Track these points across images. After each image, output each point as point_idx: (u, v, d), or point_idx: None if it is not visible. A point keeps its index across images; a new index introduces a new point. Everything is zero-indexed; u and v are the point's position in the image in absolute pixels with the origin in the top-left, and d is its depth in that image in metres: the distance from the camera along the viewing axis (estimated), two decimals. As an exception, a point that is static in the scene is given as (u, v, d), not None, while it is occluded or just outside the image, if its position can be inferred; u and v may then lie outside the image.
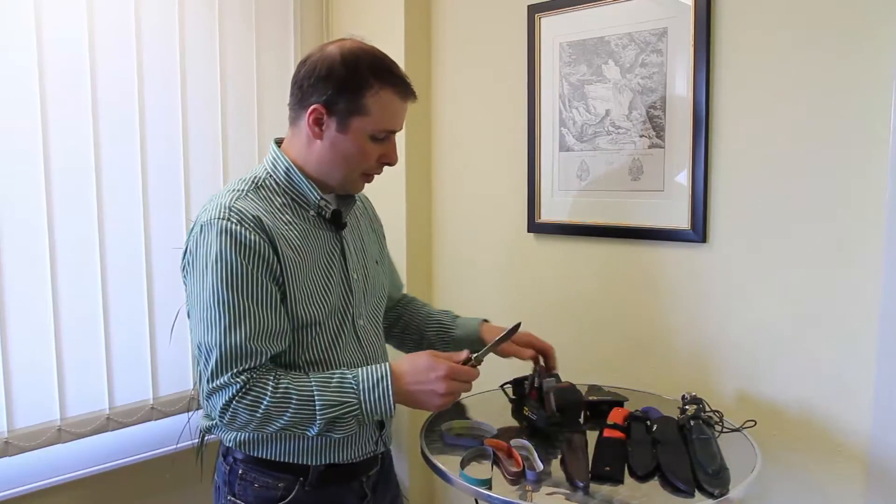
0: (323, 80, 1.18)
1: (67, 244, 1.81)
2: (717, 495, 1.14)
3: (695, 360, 1.72)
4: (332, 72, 1.17)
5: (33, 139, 1.74)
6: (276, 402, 1.13)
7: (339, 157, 1.22)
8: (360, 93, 1.17)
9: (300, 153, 1.25)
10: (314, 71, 1.19)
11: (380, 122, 1.20)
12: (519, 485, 1.20)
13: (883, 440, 1.45)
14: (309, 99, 1.19)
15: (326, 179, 1.26)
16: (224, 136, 2.11)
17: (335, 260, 1.28)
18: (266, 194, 1.23)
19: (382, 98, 1.19)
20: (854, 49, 1.45)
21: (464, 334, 1.51)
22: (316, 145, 1.23)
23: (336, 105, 1.18)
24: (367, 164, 1.24)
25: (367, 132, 1.20)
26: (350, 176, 1.26)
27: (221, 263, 1.12)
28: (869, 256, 1.46)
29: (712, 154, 1.65)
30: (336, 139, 1.21)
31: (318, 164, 1.24)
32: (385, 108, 1.20)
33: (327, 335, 1.26)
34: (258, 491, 1.24)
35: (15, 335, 1.74)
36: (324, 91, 1.18)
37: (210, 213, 1.16)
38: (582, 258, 1.90)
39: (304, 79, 1.20)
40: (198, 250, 1.16)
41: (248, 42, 2.16)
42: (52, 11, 1.75)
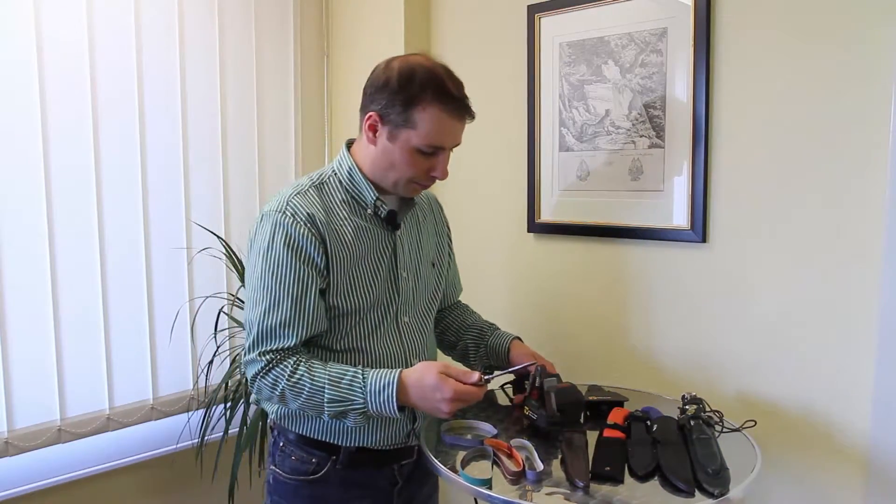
0: (380, 89, 1.26)
1: (67, 244, 1.81)
2: (717, 495, 1.14)
3: (695, 360, 1.72)
4: (388, 83, 1.25)
5: (33, 139, 1.74)
6: (290, 387, 1.24)
7: (388, 163, 1.30)
8: (410, 107, 1.24)
9: (362, 154, 1.34)
10: (376, 80, 1.28)
11: (426, 137, 1.25)
12: (519, 485, 1.20)
13: (883, 440, 1.45)
14: (368, 106, 1.29)
15: (379, 182, 1.34)
16: (224, 136, 2.12)
17: (385, 257, 1.37)
18: (328, 191, 1.34)
19: (431, 114, 1.24)
20: (854, 49, 1.45)
21: (494, 345, 1.55)
22: (371, 149, 1.32)
23: (388, 115, 1.26)
24: (414, 173, 1.31)
25: (413, 145, 1.26)
26: (399, 182, 1.33)
27: (270, 252, 1.25)
28: (869, 256, 1.46)
29: (712, 154, 1.65)
30: (386, 147, 1.29)
31: (372, 167, 1.33)
32: (433, 124, 1.24)
33: (367, 325, 1.35)
34: (294, 463, 1.36)
35: (15, 335, 1.74)
36: (380, 100, 1.26)
37: (270, 205, 1.29)
38: (582, 258, 1.90)
39: (368, 86, 1.29)
40: (254, 238, 1.29)
41: (248, 42, 2.16)
42: (52, 11, 1.75)
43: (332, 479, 1.34)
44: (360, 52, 2.28)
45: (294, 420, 1.35)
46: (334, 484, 1.35)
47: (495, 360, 1.53)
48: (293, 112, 2.30)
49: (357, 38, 2.29)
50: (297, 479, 1.36)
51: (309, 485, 1.35)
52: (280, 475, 1.37)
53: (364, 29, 2.25)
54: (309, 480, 1.35)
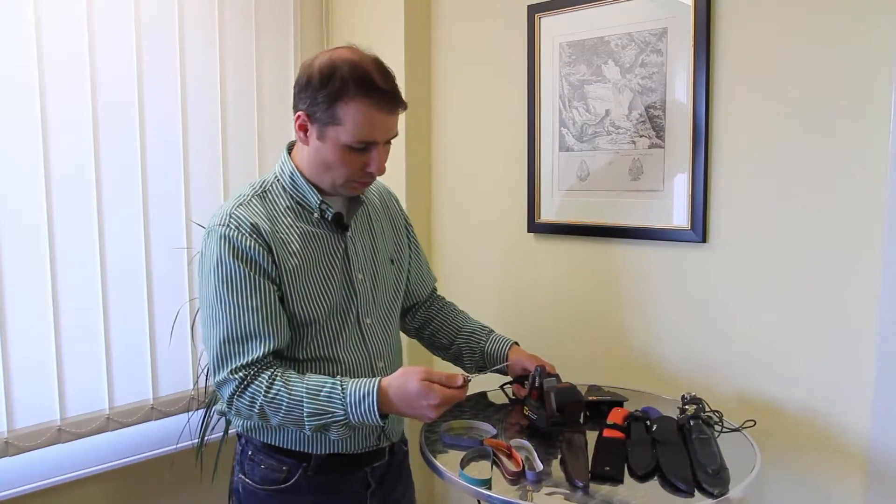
0: (304, 88, 1.22)
1: (67, 244, 1.81)
2: (717, 495, 1.14)
3: (695, 359, 1.72)
4: (311, 80, 1.21)
5: (33, 139, 1.74)
6: (268, 403, 1.20)
7: (322, 164, 1.26)
8: (334, 103, 1.19)
9: (299, 158, 1.32)
10: (300, 78, 1.24)
11: (354, 133, 1.20)
12: (519, 485, 1.20)
13: (883, 440, 1.45)
14: (296, 105, 1.25)
15: (319, 183, 1.30)
16: (224, 136, 2.12)
17: (337, 261, 1.33)
18: (272, 198, 1.30)
19: (356, 109, 1.18)
20: (854, 49, 1.45)
21: (493, 351, 1.53)
22: (305, 151, 1.29)
23: (315, 114, 1.21)
24: (349, 172, 1.26)
25: (342, 142, 1.21)
26: (336, 181, 1.28)
27: (221, 267, 1.21)
28: (869, 256, 1.46)
29: (712, 154, 1.65)
30: (318, 147, 1.25)
31: (309, 169, 1.30)
32: (359, 119, 1.19)
33: (328, 333, 1.31)
34: (264, 472, 1.32)
35: (15, 335, 1.74)
36: (305, 99, 1.22)
37: (214, 219, 1.26)
38: (582, 258, 1.90)
39: (295, 86, 1.26)
40: (203, 254, 1.26)
41: (248, 42, 2.16)
42: (52, 11, 1.75)
43: (303, 487, 1.31)
44: (360, 52, 2.27)
45: (263, 429, 1.32)
46: (305, 491, 1.31)
47: (493, 365, 1.51)
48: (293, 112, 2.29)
49: (357, 38, 2.28)
50: (266, 489, 1.32)
51: (279, 493, 1.31)
52: (249, 484, 1.33)
53: (364, 29, 2.25)
54: (280, 489, 1.31)
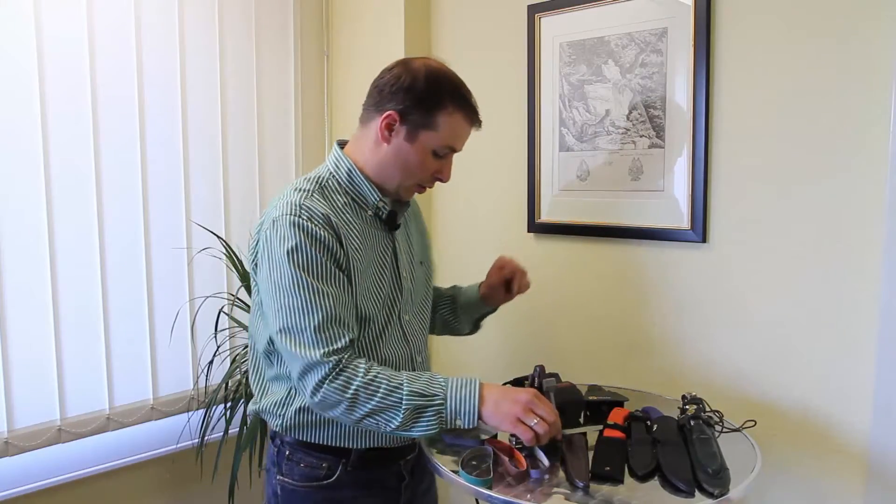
0: (404, 90, 1.25)
1: (67, 244, 1.81)
2: (717, 495, 1.14)
3: (695, 359, 1.72)
4: (414, 84, 1.25)
5: (33, 139, 1.74)
6: (365, 385, 1.17)
7: (400, 164, 1.29)
8: (434, 110, 1.26)
9: (363, 154, 1.32)
10: (398, 80, 1.26)
11: (445, 139, 1.28)
12: (522, 484, 1.20)
13: (883, 440, 1.45)
14: (386, 104, 1.27)
15: (384, 183, 1.32)
16: (224, 136, 2.12)
17: (388, 259, 1.36)
18: (329, 193, 1.30)
19: (453, 119, 1.27)
20: (854, 48, 1.45)
21: (466, 300, 1.60)
22: (382, 148, 1.29)
23: (410, 115, 1.26)
24: (422, 175, 1.32)
25: (431, 146, 1.28)
26: (405, 183, 1.33)
27: (299, 253, 1.19)
28: (869, 256, 1.46)
29: (712, 154, 1.65)
30: (401, 147, 1.28)
31: (380, 167, 1.31)
32: (453, 128, 1.28)
33: (375, 329, 1.32)
34: (304, 470, 1.33)
35: (15, 335, 1.74)
36: (402, 100, 1.25)
37: (281, 209, 1.23)
38: (582, 258, 1.90)
39: (387, 85, 1.27)
40: (272, 243, 1.22)
41: (248, 42, 2.16)
42: (52, 11, 1.75)
43: (343, 482, 1.33)
44: (360, 52, 2.28)
45: (303, 429, 1.32)
46: (346, 486, 1.33)
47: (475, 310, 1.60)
48: (293, 112, 2.30)
49: (357, 38, 2.29)
50: (307, 486, 1.33)
51: (321, 490, 1.33)
52: (289, 484, 1.34)
53: (364, 29, 2.25)
54: (321, 486, 1.33)
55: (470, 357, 2.18)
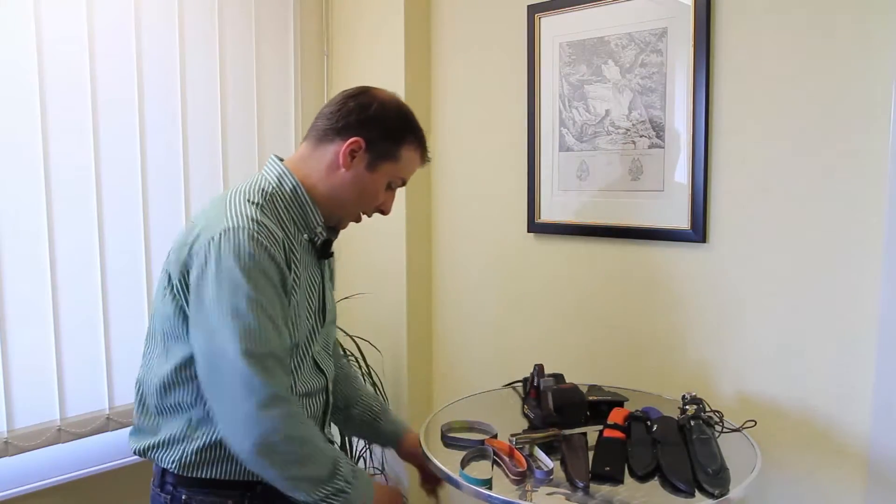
0: (373, 119, 1.23)
1: (67, 244, 1.81)
2: (718, 495, 1.14)
3: (695, 359, 1.72)
4: (384, 115, 1.24)
5: (33, 140, 1.74)
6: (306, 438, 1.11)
7: (356, 191, 1.26)
8: (400, 143, 1.26)
9: (312, 176, 1.25)
10: (367, 109, 1.24)
11: (402, 172, 1.29)
12: (523, 484, 1.20)
13: (883, 440, 1.45)
14: (352, 131, 1.23)
15: (330, 207, 1.26)
16: (224, 135, 2.12)
17: (316, 287, 1.28)
18: (274, 210, 1.21)
19: (413, 154, 1.28)
20: (854, 48, 1.45)
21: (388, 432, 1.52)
22: (338, 174, 1.24)
23: (375, 145, 1.24)
24: (371, 204, 1.30)
25: (388, 177, 1.27)
26: (352, 211, 1.30)
27: (256, 270, 1.09)
28: (869, 256, 1.46)
29: (712, 154, 1.65)
30: (361, 175, 1.25)
31: (331, 191, 1.25)
32: (411, 162, 1.29)
33: (294, 360, 1.22)
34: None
35: (15, 335, 1.74)
36: (370, 129, 1.23)
37: (234, 221, 1.12)
38: (582, 258, 1.90)
39: (354, 111, 1.23)
40: (221, 255, 1.09)
41: (248, 42, 2.16)
42: (52, 11, 1.75)
43: None
44: (360, 52, 2.28)
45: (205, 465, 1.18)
46: None
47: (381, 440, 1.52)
48: (293, 112, 2.30)
49: (357, 38, 2.29)
50: None
51: None
52: None
53: (364, 29, 2.25)
54: None
55: (469, 357, 2.18)
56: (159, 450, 1.21)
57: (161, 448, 1.21)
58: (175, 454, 1.19)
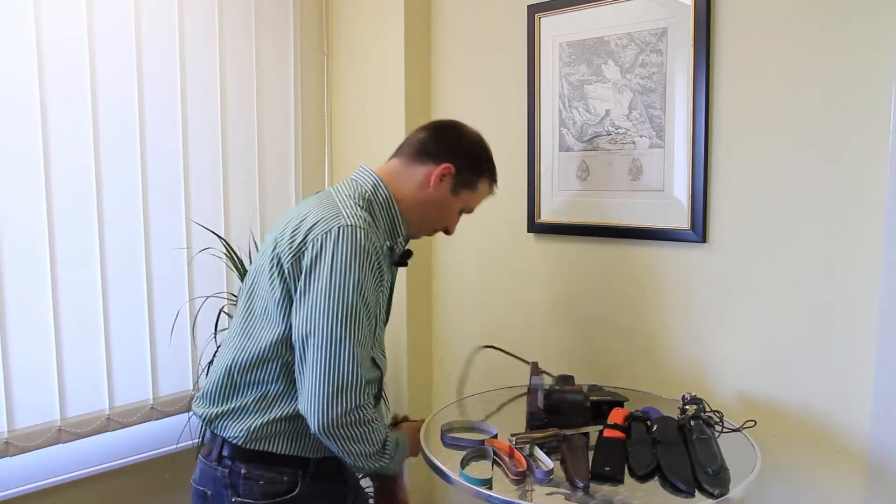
0: (467, 150, 1.39)
1: (67, 244, 1.81)
2: (718, 495, 1.14)
3: (695, 359, 1.72)
4: (475, 149, 1.42)
5: (33, 140, 1.74)
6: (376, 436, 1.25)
7: (439, 210, 1.40)
8: (480, 175, 1.41)
9: (402, 189, 1.36)
10: (461, 139, 1.40)
11: (474, 201, 1.43)
12: (523, 484, 1.20)
13: (883, 440, 1.45)
14: (448, 156, 1.36)
15: (412, 221, 1.38)
16: (224, 135, 2.12)
17: (387, 292, 1.38)
18: (373, 215, 1.32)
19: (486, 186, 1.44)
20: (854, 48, 1.45)
21: None
22: (426, 192, 1.36)
23: (462, 173, 1.38)
24: (444, 225, 1.43)
25: (464, 203, 1.42)
26: (428, 227, 1.42)
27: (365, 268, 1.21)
28: (869, 256, 1.46)
29: (712, 154, 1.65)
30: (444, 197, 1.38)
31: (417, 206, 1.37)
32: (483, 193, 1.44)
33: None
34: (265, 487, 1.28)
35: (15, 335, 1.74)
36: (462, 158, 1.38)
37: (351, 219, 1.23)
38: (582, 258, 1.90)
39: (450, 141, 1.39)
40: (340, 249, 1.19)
41: (247, 42, 2.16)
42: (52, 11, 1.75)
43: (302, 494, 1.30)
44: (360, 52, 2.28)
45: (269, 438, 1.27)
46: (304, 498, 1.31)
47: None
48: (293, 112, 2.30)
49: (357, 38, 2.29)
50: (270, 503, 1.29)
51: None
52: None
53: (364, 29, 2.25)
54: (283, 500, 1.29)
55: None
56: (227, 418, 1.28)
57: (229, 417, 1.28)
58: (244, 425, 1.27)
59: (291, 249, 1.23)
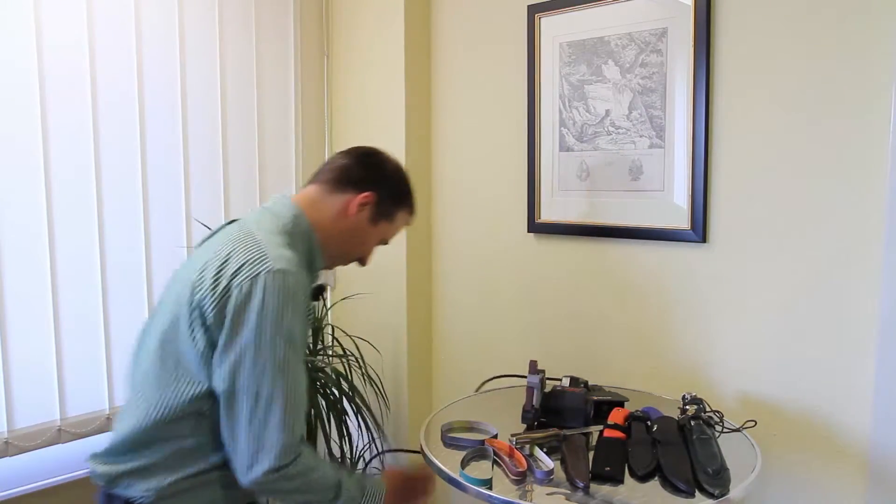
0: (388, 179, 1.32)
1: (67, 244, 1.81)
2: (718, 495, 1.14)
3: (695, 360, 1.72)
4: (396, 178, 1.34)
5: (33, 139, 1.74)
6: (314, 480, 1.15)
7: (355, 240, 1.32)
8: (400, 205, 1.35)
9: (321, 219, 1.28)
10: (383, 168, 1.32)
11: (391, 232, 1.37)
12: (523, 484, 1.20)
13: (883, 440, 1.45)
14: (369, 185, 1.29)
15: (328, 251, 1.29)
16: (224, 135, 2.12)
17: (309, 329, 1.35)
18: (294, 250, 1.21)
19: (405, 216, 1.38)
20: (854, 49, 1.45)
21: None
22: (344, 221, 1.29)
23: (382, 203, 1.31)
24: (358, 254, 1.36)
25: (381, 234, 1.35)
26: (341, 259, 1.35)
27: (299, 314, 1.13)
28: (869, 256, 1.46)
29: (712, 154, 1.65)
30: (363, 227, 1.31)
31: (334, 236, 1.29)
32: (401, 225, 1.38)
33: None
34: None
35: (15, 335, 1.74)
36: (384, 187, 1.31)
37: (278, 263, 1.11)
38: (582, 258, 1.90)
39: (376, 167, 1.32)
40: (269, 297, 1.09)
41: (248, 42, 2.16)
42: (52, 12, 1.75)
43: None
44: (360, 52, 2.28)
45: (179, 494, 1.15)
46: None
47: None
48: (293, 112, 2.30)
49: (357, 38, 2.29)
50: None
51: None
52: None
53: (364, 29, 2.25)
54: None
55: (468, 356, 2.18)
56: (134, 476, 1.15)
57: (137, 475, 1.15)
58: (153, 482, 1.14)
59: (214, 298, 1.10)
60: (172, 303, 1.18)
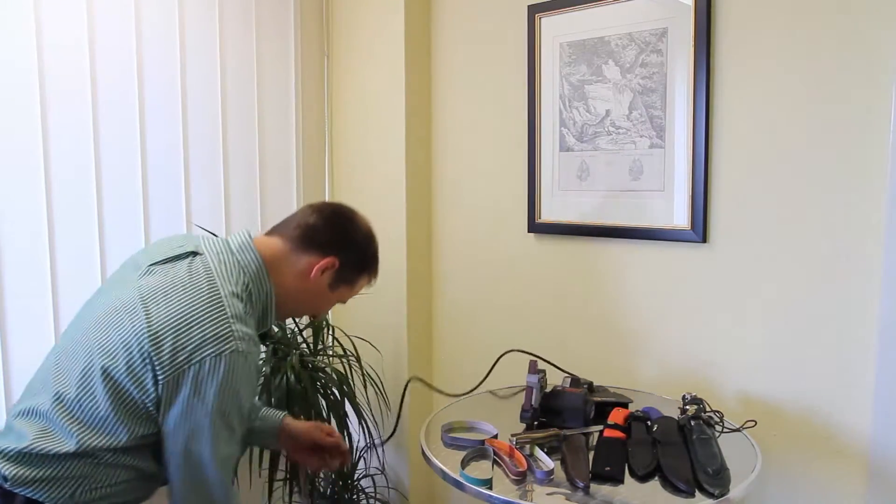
0: (354, 245, 1.30)
1: (67, 245, 1.81)
2: (718, 495, 1.14)
3: (695, 359, 1.72)
4: (363, 245, 1.32)
5: (33, 139, 1.74)
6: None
7: (313, 302, 1.32)
8: (362, 272, 1.34)
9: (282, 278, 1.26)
10: (352, 233, 1.30)
11: (349, 295, 1.36)
12: (523, 484, 1.20)
13: (883, 440, 1.45)
14: (334, 249, 1.27)
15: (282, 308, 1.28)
16: (224, 136, 2.12)
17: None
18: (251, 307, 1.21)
19: (364, 283, 1.36)
20: (854, 49, 1.45)
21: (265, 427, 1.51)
22: (304, 283, 1.27)
23: (344, 269, 1.29)
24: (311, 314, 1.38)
25: (339, 297, 1.34)
26: (296, 314, 1.36)
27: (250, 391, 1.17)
28: (869, 256, 1.46)
29: (712, 154, 1.65)
30: (321, 290, 1.30)
31: (291, 295, 1.28)
32: (358, 290, 1.37)
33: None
34: None
35: (15, 335, 1.74)
36: (348, 253, 1.29)
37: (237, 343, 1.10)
38: (582, 258, 1.90)
39: (340, 233, 1.29)
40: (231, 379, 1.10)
41: (248, 42, 2.16)
42: (52, 12, 1.75)
43: None
44: (360, 52, 2.28)
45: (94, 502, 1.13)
46: None
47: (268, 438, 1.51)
48: (293, 112, 2.30)
49: (357, 38, 2.29)
50: None
51: None
52: None
53: (364, 29, 2.25)
54: None
55: (468, 356, 2.18)
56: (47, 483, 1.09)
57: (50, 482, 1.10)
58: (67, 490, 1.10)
59: (173, 365, 1.08)
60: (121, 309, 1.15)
